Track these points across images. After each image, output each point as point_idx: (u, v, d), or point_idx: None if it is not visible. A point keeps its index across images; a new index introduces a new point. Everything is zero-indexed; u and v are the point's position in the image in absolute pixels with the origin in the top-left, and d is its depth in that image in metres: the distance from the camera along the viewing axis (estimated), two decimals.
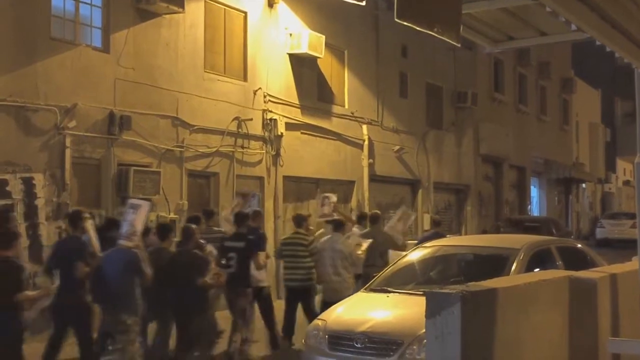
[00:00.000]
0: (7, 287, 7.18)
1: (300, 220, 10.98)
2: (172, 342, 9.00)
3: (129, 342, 7.87)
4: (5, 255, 7.31)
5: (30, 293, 7.66)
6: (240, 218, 10.19)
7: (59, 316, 8.36)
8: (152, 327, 8.98)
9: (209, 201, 14.01)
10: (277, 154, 15.38)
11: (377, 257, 10.72)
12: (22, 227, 10.40)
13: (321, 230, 12.19)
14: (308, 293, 10.49)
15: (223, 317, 9.61)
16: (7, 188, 10.30)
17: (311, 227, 11.85)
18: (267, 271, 10.76)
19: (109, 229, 8.99)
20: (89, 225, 8.69)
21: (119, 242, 8.14)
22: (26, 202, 10.53)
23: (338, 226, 10.87)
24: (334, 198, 13.34)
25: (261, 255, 9.94)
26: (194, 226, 9.22)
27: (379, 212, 12.84)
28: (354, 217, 14.36)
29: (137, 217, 8.24)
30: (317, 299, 10.67)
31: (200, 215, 10.68)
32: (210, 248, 9.58)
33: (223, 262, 9.46)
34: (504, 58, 25.75)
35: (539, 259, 8.31)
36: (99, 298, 8.18)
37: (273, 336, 10.23)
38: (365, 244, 10.90)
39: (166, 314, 8.81)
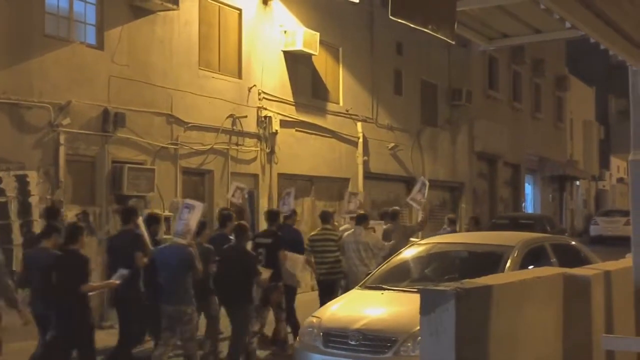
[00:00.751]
0: (74, 279, 7.68)
1: (327, 217, 11.51)
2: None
3: (194, 330, 8.42)
4: (72, 248, 7.82)
5: (95, 284, 8.35)
6: (271, 215, 11.00)
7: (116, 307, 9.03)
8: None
9: (204, 198, 13.99)
10: (272, 152, 15.38)
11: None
12: (15, 225, 10.40)
13: (345, 226, 12.53)
14: (338, 286, 10.98)
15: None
16: (1, 185, 10.29)
17: (336, 223, 12.46)
18: (306, 270, 11.48)
19: (149, 224, 9.57)
20: (141, 221, 9.36)
21: (174, 239, 8.70)
22: (20, 200, 10.51)
23: (361, 219, 11.18)
24: (360, 196, 14.65)
25: (292, 256, 10.39)
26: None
27: (398, 208, 13.27)
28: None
29: (191, 217, 8.75)
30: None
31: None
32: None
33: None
34: (499, 55, 25.79)
35: (534, 256, 8.32)
36: (154, 291, 8.56)
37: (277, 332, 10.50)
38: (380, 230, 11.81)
39: (211, 307, 9.35)
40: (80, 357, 7.99)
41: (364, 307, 7.91)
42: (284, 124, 15.67)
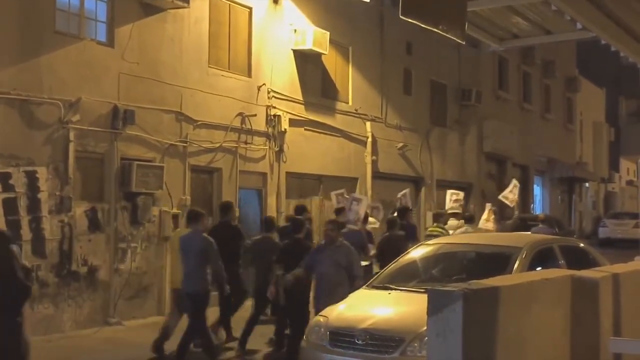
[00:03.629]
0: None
1: (438, 217, 14.41)
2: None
3: None
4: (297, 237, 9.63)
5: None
6: (401, 212, 13.35)
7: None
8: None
9: (212, 197, 14.03)
10: (281, 150, 15.38)
11: None
12: (24, 221, 10.44)
13: (458, 222, 14.78)
14: None
15: None
16: (11, 181, 10.31)
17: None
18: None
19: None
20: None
21: (348, 226, 11.38)
22: (29, 196, 10.54)
23: (469, 219, 14.22)
24: (460, 195, 16.84)
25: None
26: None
27: (473, 214, 15.48)
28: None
29: (360, 208, 11.77)
30: None
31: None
32: None
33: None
34: (509, 56, 25.70)
35: (542, 257, 8.29)
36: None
37: None
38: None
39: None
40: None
41: (371, 306, 7.90)
42: (293, 122, 15.67)
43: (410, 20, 3.37)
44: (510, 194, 16.16)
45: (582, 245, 10.23)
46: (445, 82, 22.02)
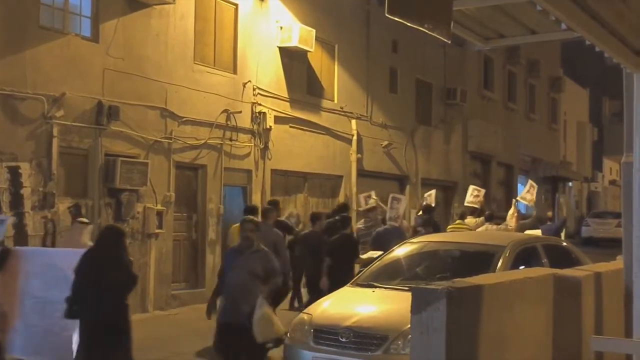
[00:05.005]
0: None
1: (463, 215, 15.30)
2: None
3: None
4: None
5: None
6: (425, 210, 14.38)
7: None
8: None
9: (197, 193, 13.99)
10: (266, 147, 15.36)
11: None
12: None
13: (476, 220, 15.27)
14: None
15: None
16: None
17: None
18: None
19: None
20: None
21: (389, 222, 13.10)
22: (12, 191, 10.47)
23: (489, 217, 14.80)
24: (481, 192, 17.15)
25: None
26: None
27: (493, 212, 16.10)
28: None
29: (400, 206, 13.38)
30: None
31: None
32: None
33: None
34: (494, 56, 25.80)
35: (525, 256, 8.33)
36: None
37: None
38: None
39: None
40: None
41: (355, 304, 7.91)
42: (278, 120, 15.65)
43: (395, 18, 3.37)
44: (527, 195, 16.46)
45: (564, 244, 10.30)
46: (430, 81, 22.07)
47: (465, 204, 16.92)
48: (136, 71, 12.47)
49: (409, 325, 4.59)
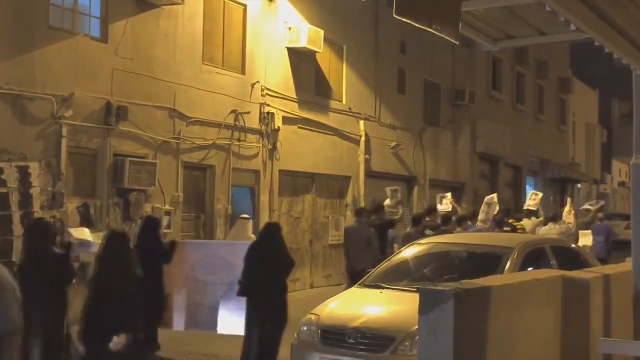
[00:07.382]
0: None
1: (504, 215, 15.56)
2: None
3: None
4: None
5: None
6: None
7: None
8: None
9: (205, 194, 14.01)
10: (274, 148, 15.37)
11: None
12: (16, 216, 10.40)
13: (532, 221, 16.12)
14: None
15: None
16: (3, 176, 10.27)
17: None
18: None
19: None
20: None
21: (479, 224, 14.23)
22: (21, 191, 10.51)
23: (552, 218, 15.48)
24: (539, 195, 18.36)
25: None
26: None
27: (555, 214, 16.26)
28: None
29: (489, 210, 14.55)
30: None
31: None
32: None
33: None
34: (503, 57, 25.73)
35: (533, 258, 8.31)
36: None
37: None
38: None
39: None
40: None
41: (362, 305, 7.90)
42: (286, 120, 15.66)
43: (404, 19, 3.36)
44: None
45: (573, 246, 10.27)
46: (438, 82, 22.04)
47: (525, 207, 18.29)
48: (145, 71, 12.50)
49: (417, 327, 4.58)
